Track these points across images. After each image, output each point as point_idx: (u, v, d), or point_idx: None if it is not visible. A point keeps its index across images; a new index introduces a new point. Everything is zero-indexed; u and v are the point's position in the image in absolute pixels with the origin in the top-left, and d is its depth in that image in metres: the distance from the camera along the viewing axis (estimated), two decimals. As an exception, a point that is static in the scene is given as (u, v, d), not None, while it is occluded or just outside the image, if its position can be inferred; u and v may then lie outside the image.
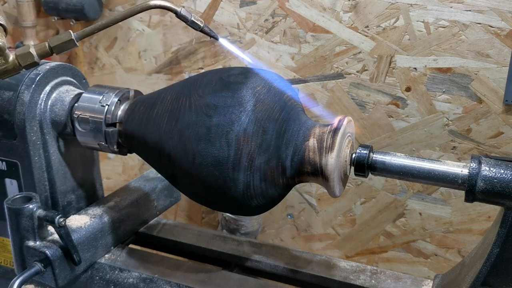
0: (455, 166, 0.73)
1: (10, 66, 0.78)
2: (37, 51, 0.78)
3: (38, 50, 0.78)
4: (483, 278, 0.74)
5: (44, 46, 0.77)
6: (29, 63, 0.78)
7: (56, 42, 0.77)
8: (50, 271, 0.85)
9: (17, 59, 0.78)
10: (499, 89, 1.18)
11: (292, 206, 1.46)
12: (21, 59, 0.78)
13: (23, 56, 0.78)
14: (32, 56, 0.77)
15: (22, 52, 0.78)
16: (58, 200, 0.96)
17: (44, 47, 0.77)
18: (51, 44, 0.77)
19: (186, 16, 0.75)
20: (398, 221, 1.36)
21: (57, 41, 0.77)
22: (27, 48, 0.78)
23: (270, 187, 0.78)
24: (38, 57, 0.78)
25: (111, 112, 0.89)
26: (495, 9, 1.13)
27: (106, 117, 0.89)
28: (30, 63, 0.78)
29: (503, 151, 1.22)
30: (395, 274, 0.95)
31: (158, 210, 1.11)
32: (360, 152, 0.78)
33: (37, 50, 0.78)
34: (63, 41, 0.76)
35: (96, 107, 0.89)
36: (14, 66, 0.78)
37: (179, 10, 0.74)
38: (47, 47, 0.77)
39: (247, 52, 1.38)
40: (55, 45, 0.77)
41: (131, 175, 1.66)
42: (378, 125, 1.31)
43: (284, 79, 0.84)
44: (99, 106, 0.89)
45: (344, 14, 1.26)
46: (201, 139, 0.75)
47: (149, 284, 0.91)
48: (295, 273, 0.97)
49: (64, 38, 0.76)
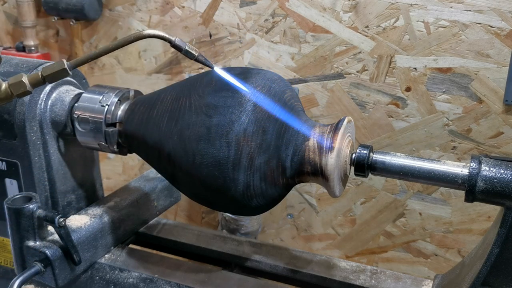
0: (455, 166, 0.73)
1: (3, 95, 0.77)
2: (29, 80, 0.77)
3: (31, 79, 0.77)
4: (483, 278, 0.74)
5: (37, 75, 0.77)
6: (22, 92, 0.77)
7: (49, 71, 0.76)
8: (50, 271, 0.85)
9: (9, 88, 0.77)
10: (499, 89, 1.18)
11: (292, 206, 1.46)
12: (14, 88, 0.77)
13: (16, 85, 0.77)
14: (25, 85, 0.76)
15: (14, 81, 0.77)
16: (58, 200, 0.96)
17: (37, 76, 0.77)
18: (44, 74, 0.76)
19: (180, 46, 0.74)
20: (398, 221, 1.36)
21: (50, 70, 0.76)
22: (20, 77, 0.77)
23: (270, 187, 0.78)
24: (31, 86, 0.77)
25: (111, 112, 0.89)
26: (495, 9, 1.13)
27: (106, 117, 0.89)
28: (22, 92, 0.77)
29: (503, 151, 1.22)
30: (395, 274, 0.95)
31: (158, 210, 1.11)
32: (360, 152, 0.78)
33: (30, 79, 0.77)
34: (56, 70, 0.76)
35: (96, 107, 0.89)
36: (6, 95, 0.77)
37: (173, 40, 0.73)
38: (40, 76, 0.76)
39: (247, 54, 1.38)
40: (47, 74, 0.76)
41: (131, 175, 1.66)
42: (378, 125, 1.31)
43: (284, 79, 0.84)
44: (99, 106, 0.89)
45: (344, 14, 1.26)
46: (201, 139, 0.75)
47: (149, 284, 0.91)
48: (295, 273, 0.97)
49: (57, 67, 0.76)
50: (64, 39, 1.64)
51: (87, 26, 1.57)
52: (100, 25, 1.56)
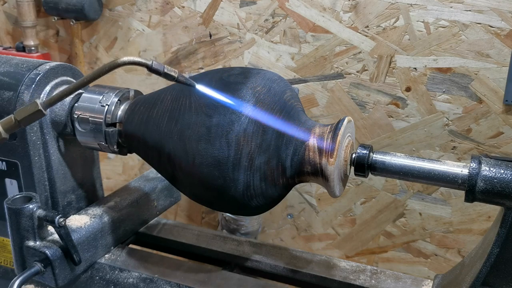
0: (455, 166, 0.73)
1: None
2: (3, 126, 0.72)
3: (4, 124, 0.72)
4: (483, 278, 0.74)
5: (10, 120, 0.72)
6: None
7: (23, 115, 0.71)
8: (50, 271, 0.85)
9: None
10: (499, 89, 1.18)
11: (292, 206, 1.46)
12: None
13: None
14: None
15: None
16: (58, 200, 0.96)
17: (10, 121, 0.72)
18: (17, 118, 0.71)
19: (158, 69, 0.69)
20: (398, 221, 1.36)
21: (24, 113, 0.71)
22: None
23: (270, 187, 0.78)
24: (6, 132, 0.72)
25: (111, 112, 0.89)
26: (495, 9, 1.13)
27: (106, 117, 0.89)
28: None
29: (503, 151, 1.22)
30: (395, 274, 0.95)
31: (158, 210, 1.11)
32: (360, 152, 0.78)
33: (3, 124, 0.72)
34: (31, 112, 0.71)
35: (96, 107, 0.89)
36: None
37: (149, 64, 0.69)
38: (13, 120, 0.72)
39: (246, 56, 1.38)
40: (22, 118, 0.72)
41: (131, 175, 1.66)
42: (378, 125, 1.31)
43: (284, 79, 0.84)
44: (99, 106, 0.89)
45: (344, 14, 1.26)
46: (201, 139, 0.75)
47: (149, 284, 0.91)
48: (295, 273, 0.96)
49: (31, 110, 0.70)
50: (64, 39, 1.64)
51: (87, 26, 1.57)
52: (100, 25, 1.56)
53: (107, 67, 0.69)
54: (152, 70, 0.69)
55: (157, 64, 0.69)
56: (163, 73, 0.70)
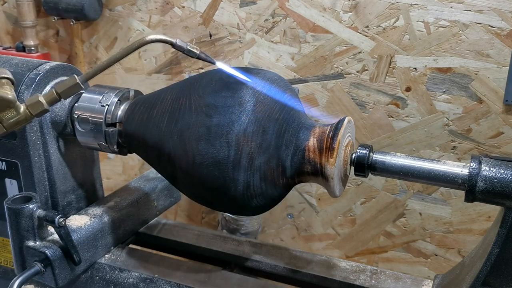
0: (455, 166, 0.73)
1: (22, 117, 0.81)
2: (46, 98, 0.81)
3: (47, 97, 0.81)
4: (483, 278, 0.74)
5: (52, 93, 0.81)
6: (40, 111, 0.81)
7: (62, 88, 0.80)
8: (50, 271, 0.85)
9: (28, 109, 0.81)
10: (499, 89, 1.18)
11: (292, 206, 1.46)
12: (32, 108, 0.81)
13: (34, 106, 0.81)
14: (42, 104, 0.81)
15: (31, 101, 0.81)
16: (58, 200, 0.96)
17: (52, 94, 0.81)
18: (58, 90, 0.80)
19: (182, 46, 0.78)
20: (398, 221, 1.36)
21: (64, 86, 0.80)
22: (36, 98, 0.81)
23: (270, 187, 0.78)
24: (48, 104, 0.81)
25: (111, 112, 0.89)
26: (495, 9, 1.13)
27: (106, 117, 0.89)
28: (41, 111, 0.81)
29: (503, 151, 1.22)
30: (395, 274, 0.95)
31: (158, 210, 1.11)
32: (360, 152, 0.78)
33: (46, 98, 0.81)
34: (69, 86, 0.80)
35: (96, 107, 0.89)
36: (26, 116, 0.81)
37: (175, 42, 0.77)
38: (55, 93, 0.80)
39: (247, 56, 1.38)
40: (62, 90, 0.80)
41: (131, 175, 1.66)
42: (378, 125, 1.31)
43: (284, 79, 0.84)
44: (99, 106, 0.89)
45: (344, 14, 1.26)
46: (201, 139, 0.75)
47: (149, 284, 0.91)
48: (295, 273, 0.96)
49: (70, 83, 0.80)
50: (64, 39, 1.64)
51: (87, 26, 1.57)
52: (100, 25, 1.56)
53: (137, 44, 0.77)
54: (176, 47, 0.77)
55: (180, 42, 0.78)
56: (186, 50, 0.78)
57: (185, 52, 0.77)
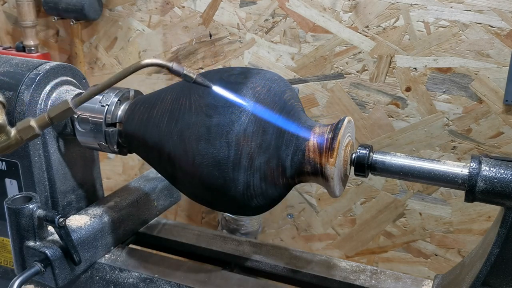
0: (455, 166, 0.73)
1: (13, 141, 0.79)
2: (37, 123, 0.78)
3: (38, 122, 0.78)
4: (483, 278, 0.74)
5: (43, 117, 0.78)
6: (31, 136, 0.78)
7: (55, 112, 0.77)
8: (50, 271, 0.85)
9: (18, 134, 0.78)
10: (499, 89, 1.18)
11: (292, 206, 1.46)
12: (23, 133, 0.78)
13: (25, 130, 0.78)
14: (33, 129, 0.78)
15: (22, 126, 0.78)
16: (58, 200, 0.96)
17: (43, 118, 0.78)
18: (50, 115, 0.77)
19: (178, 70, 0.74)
20: (398, 221, 1.36)
21: (56, 111, 0.77)
22: (27, 122, 0.78)
23: (270, 187, 0.78)
24: (39, 129, 0.78)
25: (111, 112, 0.89)
26: (495, 9, 1.13)
27: (106, 117, 0.89)
28: (32, 135, 0.78)
29: (503, 151, 1.22)
30: (395, 274, 0.95)
31: (158, 210, 1.11)
32: (360, 152, 0.78)
33: (37, 122, 0.78)
34: (62, 110, 0.76)
35: (96, 107, 0.89)
36: (17, 140, 0.78)
37: (171, 66, 0.74)
38: (47, 118, 0.77)
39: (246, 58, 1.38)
40: (54, 115, 0.77)
41: (131, 175, 1.66)
42: (378, 125, 1.31)
43: (284, 79, 0.84)
44: (99, 106, 0.89)
45: (344, 14, 1.26)
46: (201, 139, 0.75)
47: (149, 284, 0.91)
48: (295, 273, 0.96)
49: (62, 108, 0.76)
50: (64, 39, 1.64)
51: (87, 26, 1.57)
52: (100, 25, 1.56)
53: (133, 68, 0.74)
54: (173, 71, 0.74)
55: (177, 66, 0.73)
56: (183, 74, 0.74)
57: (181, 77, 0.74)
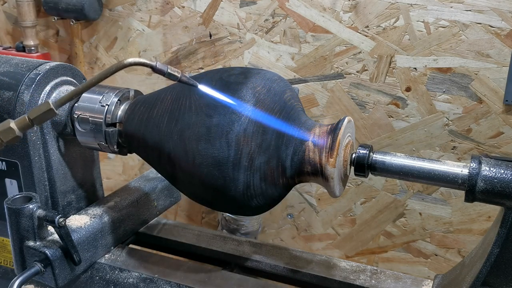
0: (455, 166, 0.73)
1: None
2: (17, 125, 0.75)
3: (19, 124, 0.75)
4: (483, 278, 0.74)
5: (24, 119, 0.75)
6: (12, 138, 0.75)
7: (35, 114, 0.74)
8: (50, 271, 0.85)
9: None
10: (499, 89, 1.18)
11: (292, 206, 1.46)
12: (3, 135, 0.75)
13: (4, 132, 0.75)
14: (14, 131, 0.75)
15: (2, 128, 0.75)
16: (58, 200, 0.96)
17: (24, 119, 0.75)
18: (30, 117, 0.74)
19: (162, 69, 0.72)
20: (398, 221, 1.36)
21: (37, 112, 0.74)
22: (7, 124, 0.75)
23: (270, 187, 0.78)
24: (20, 131, 0.75)
25: (111, 112, 0.89)
26: (495, 9, 1.13)
27: (106, 117, 0.89)
28: (12, 138, 0.75)
29: (503, 151, 1.22)
30: (395, 274, 0.95)
31: (158, 210, 1.11)
32: (360, 152, 0.78)
33: (18, 124, 0.75)
34: (43, 111, 0.74)
35: (96, 107, 0.89)
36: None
37: (154, 64, 0.71)
38: (27, 119, 0.75)
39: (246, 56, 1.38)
40: (34, 116, 0.74)
41: (131, 175, 1.66)
42: (378, 125, 1.31)
43: (284, 79, 0.84)
44: (99, 106, 0.89)
45: (344, 14, 1.26)
46: (201, 139, 0.75)
47: (149, 284, 0.91)
48: (295, 273, 0.96)
49: (43, 109, 0.74)
50: (64, 39, 1.64)
51: (87, 26, 1.57)
52: (100, 25, 1.56)
53: (114, 67, 0.72)
54: (156, 70, 0.71)
55: (160, 65, 0.71)
56: (167, 73, 0.72)
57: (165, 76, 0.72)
